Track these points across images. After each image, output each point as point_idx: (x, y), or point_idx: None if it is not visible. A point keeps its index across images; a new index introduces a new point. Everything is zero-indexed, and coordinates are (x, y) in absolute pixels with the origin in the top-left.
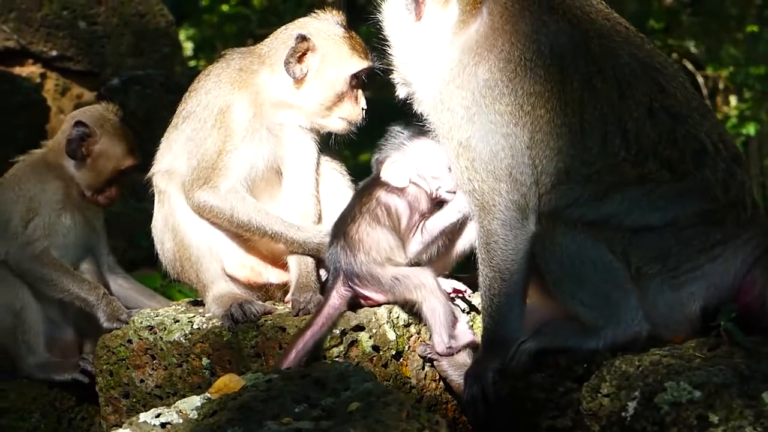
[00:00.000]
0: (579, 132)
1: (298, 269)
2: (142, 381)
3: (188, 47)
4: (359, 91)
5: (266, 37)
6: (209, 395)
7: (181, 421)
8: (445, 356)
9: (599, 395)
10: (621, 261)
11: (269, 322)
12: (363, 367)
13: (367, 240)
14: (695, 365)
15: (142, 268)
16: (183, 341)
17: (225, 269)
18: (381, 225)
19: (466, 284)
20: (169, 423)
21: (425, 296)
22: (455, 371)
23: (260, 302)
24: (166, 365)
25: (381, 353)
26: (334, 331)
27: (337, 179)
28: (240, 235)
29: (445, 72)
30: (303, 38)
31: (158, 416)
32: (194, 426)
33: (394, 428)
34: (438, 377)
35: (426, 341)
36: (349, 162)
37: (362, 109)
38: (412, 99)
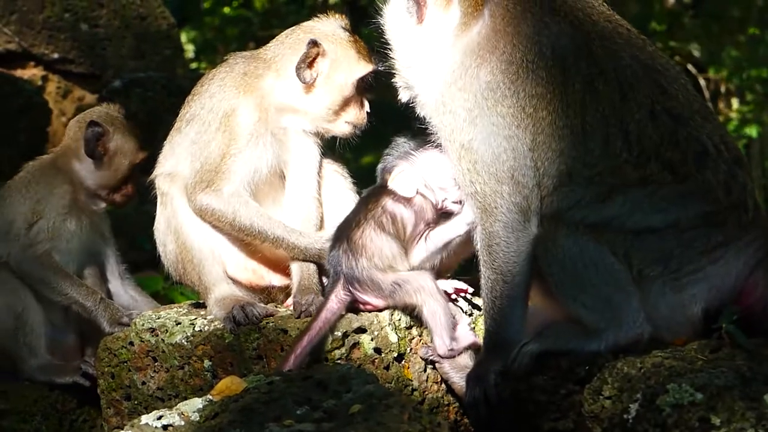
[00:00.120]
0: (581, 134)
1: (300, 272)
2: (144, 383)
3: (190, 49)
4: (364, 95)
5: (268, 40)
6: (211, 397)
7: (183, 423)
8: (447, 358)
9: (601, 397)
10: (623, 263)
11: (271, 325)
12: (365, 370)
13: (371, 246)
14: (697, 367)
15: (145, 271)
16: (185, 343)
17: (227, 272)
18: (385, 232)
19: (469, 285)
20: (171, 425)
21: (425, 299)
22: (457, 373)
23: (262, 305)
24: (168, 367)
25: (383, 355)
26: (336, 334)
27: (340, 182)
28: (242, 239)
29: (447, 74)
30: (315, 43)
31: (160, 418)
32: (196, 428)
33: (396, 430)
34: (440, 379)
35: (427, 343)
36: (351, 165)
37: (366, 113)
38: (415, 102)
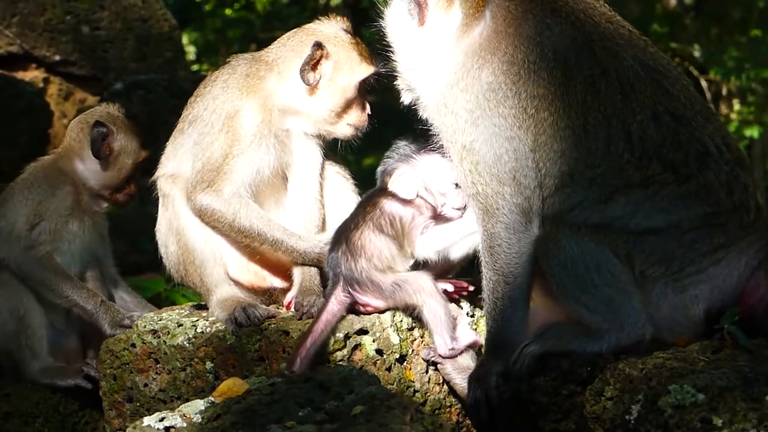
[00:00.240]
0: (583, 135)
1: (302, 273)
2: (146, 385)
3: (191, 51)
4: (365, 97)
5: (270, 42)
6: (213, 399)
7: (185, 425)
8: (448, 358)
9: (603, 398)
10: (624, 264)
11: (273, 326)
12: (366, 371)
13: (369, 246)
14: (699, 368)
15: (146, 272)
16: (187, 345)
17: (229, 273)
18: (384, 233)
19: (470, 287)
20: (173, 427)
21: (425, 299)
22: (459, 374)
23: (264, 306)
24: (170, 369)
25: (384, 357)
26: (338, 335)
27: (341, 184)
28: (240, 241)
29: (449, 76)
30: (319, 46)
31: (162, 420)
32: (198, 430)
33: None
34: (442, 381)
35: (429, 345)
36: (353, 167)
37: (367, 115)
38: (417, 104)
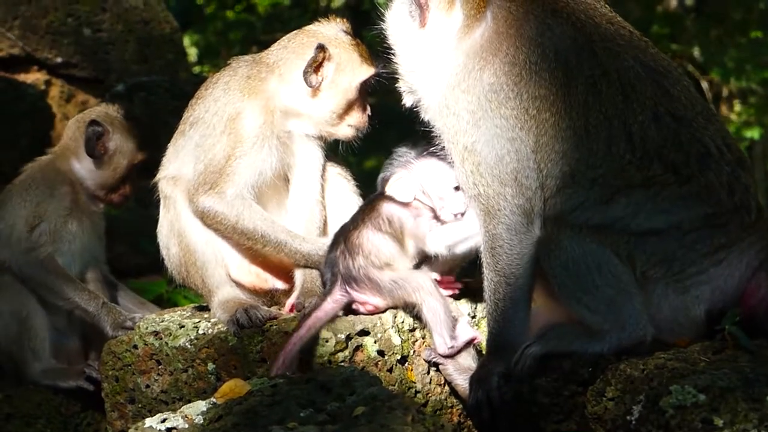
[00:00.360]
0: (584, 135)
1: (303, 274)
2: (148, 386)
3: (192, 53)
4: (366, 99)
5: (271, 44)
6: (215, 400)
7: (187, 426)
8: (448, 358)
9: (604, 399)
10: (626, 265)
11: (274, 328)
12: (368, 372)
13: (367, 244)
14: (700, 369)
15: (148, 274)
16: (188, 346)
17: (230, 274)
18: (382, 232)
19: (472, 289)
20: (175, 428)
21: (424, 298)
22: (460, 375)
23: (265, 307)
24: (172, 370)
25: (386, 358)
26: (339, 336)
27: (343, 185)
28: (242, 243)
29: (451, 77)
30: (322, 48)
31: (164, 421)
32: (200, 431)
33: None
34: (443, 382)
35: (430, 346)
36: (354, 168)
37: (368, 116)
38: (419, 107)
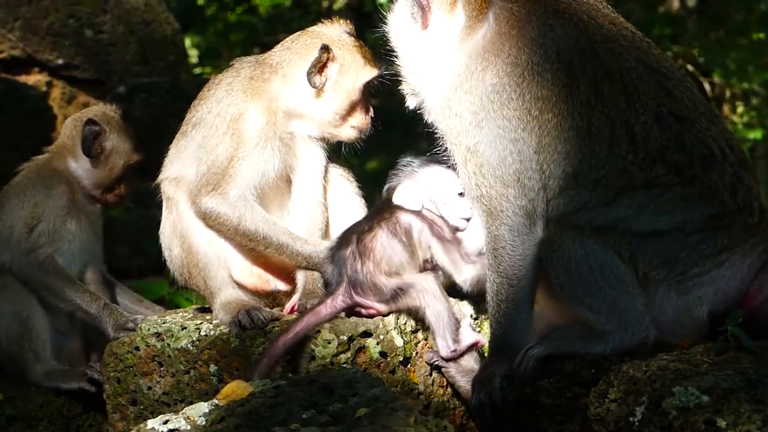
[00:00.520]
0: (587, 136)
1: (305, 276)
2: (150, 388)
3: (193, 55)
4: (369, 100)
5: (272, 45)
6: (217, 402)
7: (189, 428)
8: (451, 361)
9: (607, 400)
10: (628, 266)
11: (277, 329)
12: (370, 374)
13: (380, 250)
14: (703, 370)
15: (150, 275)
16: (190, 348)
17: (232, 276)
18: (397, 239)
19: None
20: (177, 429)
21: (429, 302)
22: (463, 377)
23: (268, 309)
24: (174, 372)
25: (388, 359)
26: (342, 337)
27: (345, 186)
28: (245, 245)
29: (453, 78)
30: (327, 49)
31: (166, 423)
32: None
33: None
34: (446, 383)
35: (433, 348)
36: (356, 170)
37: (371, 118)
38: (422, 109)
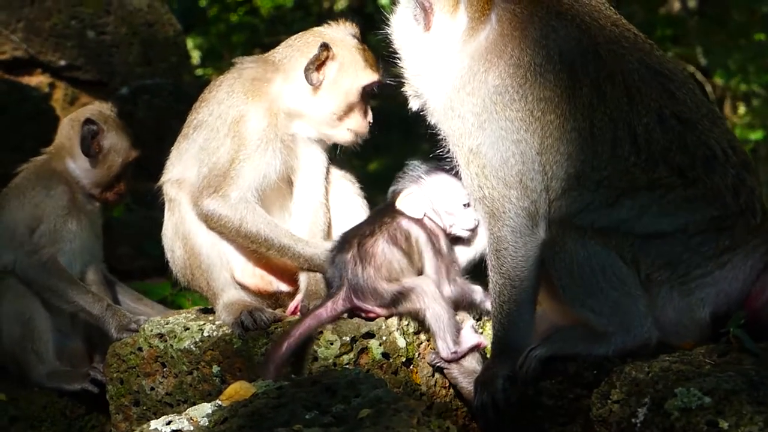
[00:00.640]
0: (589, 137)
1: (308, 277)
2: (153, 389)
3: (195, 56)
4: (368, 104)
5: (274, 47)
6: (220, 402)
7: (192, 429)
8: (452, 362)
9: (609, 401)
10: (630, 267)
11: (279, 330)
12: (373, 374)
13: (381, 256)
14: (705, 371)
15: (152, 277)
16: (193, 349)
17: (235, 277)
18: (397, 246)
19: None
20: (180, 430)
21: (429, 304)
22: (465, 378)
23: (270, 310)
24: (177, 373)
25: (391, 360)
26: (344, 338)
27: (347, 188)
28: (246, 246)
29: (456, 79)
30: (326, 47)
31: (169, 424)
32: None
33: None
34: (448, 384)
35: (435, 349)
36: (358, 171)
37: (369, 123)
38: (425, 110)
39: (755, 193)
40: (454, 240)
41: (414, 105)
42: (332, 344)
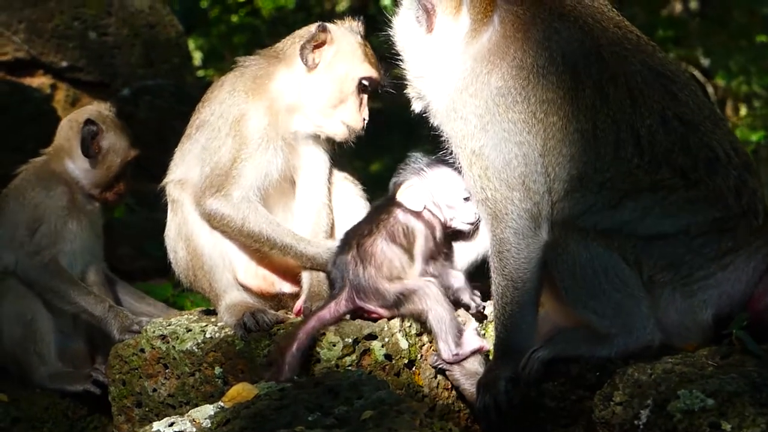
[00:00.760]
0: (592, 139)
1: (310, 278)
2: (155, 390)
3: (197, 57)
4: (365, 99)
5: None
6: (222, 404)
7: (194, 430)
8: (454, 364)
9: (612, 403)
10: (633, 269)
11: (282, 332)
12: (376, 376)
13: (380, 255)
14: (707, 373)
15: (154, 278)
16: (196, 350)
17: (238, 278)
18: (396, 243)
19: (479, 292)
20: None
21: (431, 306)
22: (468, 380)
23: (273, 311)
24: (179, 374)
25: (393, 362)
26: (347, 340)
27: (350, 188)
28: (249, 245)
29: (458, 81)
30: (324, 28)
31: (171, 425)
32: None
33: None
34: (450, 386)
35: (437, 351)
36: (360, 172)
37: (364, 119)
38: (428, 112)
39: (757, 195)
40: (455, 236)
41: (416, 107)
42: (335, 346)
